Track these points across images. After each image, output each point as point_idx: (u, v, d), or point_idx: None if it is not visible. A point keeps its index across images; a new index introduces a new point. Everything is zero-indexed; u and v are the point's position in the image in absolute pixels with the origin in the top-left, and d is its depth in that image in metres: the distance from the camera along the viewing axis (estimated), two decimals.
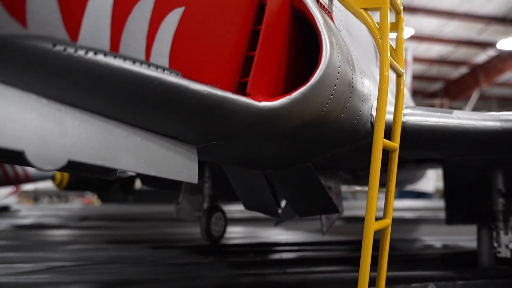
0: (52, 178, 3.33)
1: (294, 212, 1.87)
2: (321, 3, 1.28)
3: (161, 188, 3.76)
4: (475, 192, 2.22)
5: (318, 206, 1.80)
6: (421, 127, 1.43)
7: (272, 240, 3.03)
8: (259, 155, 1.36)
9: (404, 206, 7.56)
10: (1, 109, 0.63)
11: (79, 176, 3.55)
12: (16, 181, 4.41)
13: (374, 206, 1.11)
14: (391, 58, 1.13)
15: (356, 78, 1.24)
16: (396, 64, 1.21)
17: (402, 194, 12.46)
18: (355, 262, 1.98)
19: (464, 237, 2.91)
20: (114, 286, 1.53)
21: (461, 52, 10.48)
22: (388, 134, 1.19)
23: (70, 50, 0.65)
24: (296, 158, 1.46)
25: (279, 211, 2.12)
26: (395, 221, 4.64)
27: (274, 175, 1.65)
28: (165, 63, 0.79)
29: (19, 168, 4.37)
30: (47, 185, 6.64)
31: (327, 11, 1.32)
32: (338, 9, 1.44)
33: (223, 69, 0.94)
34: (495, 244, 1.92)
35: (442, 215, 5.19)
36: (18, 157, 0.93)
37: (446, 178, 2.47)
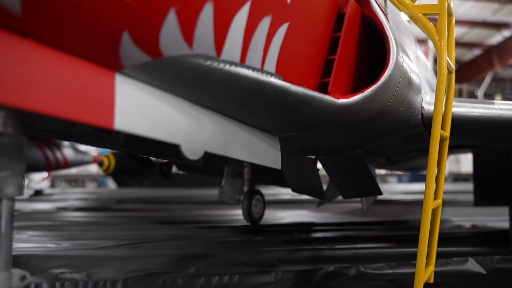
0: (100, 164, 3.54)
1: (340, 194, 2.05)
2: (379, 6, 1.42)
3: (195, 172, 3.96)
4: (505, 175, 2.37)
5: (364, 188, 1.97)
6: (466, 117, 1.58)
7: (307, 220, 3.22)
8: (322, 143, 1.53)
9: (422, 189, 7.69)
10: (166, 112, 0.80)
11: (125, 162, 3.77)
12: (57, 166, 4.65)
13: (432, 189, 1.27)
14: (448, 59, 1.28)
15: (413, 74, 1.39)
16: (450, 62, 1.35)
17: (415, 178, 12.52)
18: (395, 240, 2.17)
19: (491, 218, 3.07)
20: (187, 259, 1.73)
21: (475, 33, 10.41)
22: None
23: (215, 64, 0.81)
24: (352, 146, 1.62)
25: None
26: (419, 203, 4.79)
27: (326, 160, 1.82)
28: (273, 69, 0.96)
29: (59, 154, 4.60)
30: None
31: (385, 13, 1.46)
32: (390, 10, 1.58)
33: (309, 71, 1.10)
34: None
35: (460, 197, 5.35)
36: (172, 152, 1.12)
37: (476, 162, 2.62)
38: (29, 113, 0.61)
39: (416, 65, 1.64)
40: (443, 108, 1.42)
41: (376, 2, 1.33)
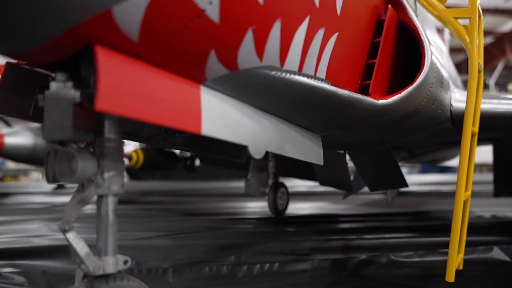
0: (129, 158, 3.67)
1: (368, 186, 2.14)
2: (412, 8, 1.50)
3: (217, 166, 4.08)
4: None
5: (391, 181, 2.06)
6: (492, 113, 1.66)
7: (330, 212, 3.32)
8: (356, 140, 1.63)
9: (436, 180, 7.74)
10: (237, 117, 0.90)
11: (152, 157, 3.90)
12: None
13: (464, 182, 1.36)
14: (479, 60, 1.36)
15: (444, 74, 1.48)
16: (480, 63, 1.43)
17: (425, 169, 12.53)
18: (420, 230, 2.26)
19: (508, 208, 3.15)
20: (226, 248, 1.84)
21: (487, 21, 10.33)
22: None
23: (279, 73, 0.91)
24: (384, 141, 1.71)
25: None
26: (435, 194, 4.85)
27: (356, 155, 1.92)
28: (324, 75, 1.05)
29: None
30: None
31: (417, 15, 1.54)
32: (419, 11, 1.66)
33: (352, 75, 1.19)
34: None
35: (475, 188, 5.40)
36: (237, 153, 1.24)
37: (496, 154, 2.69)
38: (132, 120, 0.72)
39: (443, 60, 1.72)
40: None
41: (409, 5, 1.42)
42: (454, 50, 11.95)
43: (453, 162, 4.77)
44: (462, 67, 12.23)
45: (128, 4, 0.60)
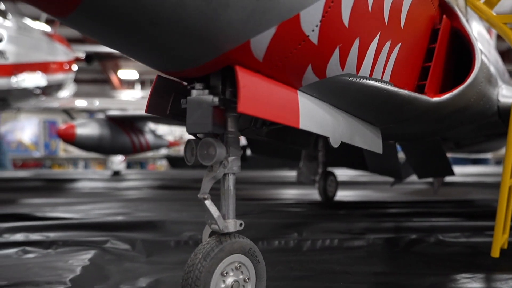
0: None
1: (416, 174, 2.33)
2: (462, 13, 1.67)
3: (268, 156, 4.32)
4: None
5: (438, 170, 2.24)
6: None
7: (377, 199, 3.51)
8: (410, 132, 1.82)
9: (478, 171, 7.67)
10: (321, 114, 1.13)
11: None
12: (141, 149, 5.22)
13: (509, 170, 1.54)
14: None
15: (492, 72, 1.65)
16: None
17: (457, 161, 12.39)
18: (466, 216, 2.41)
19: None
20: (289, 227, 2.09)
21: None
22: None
23: (354, 79, 1.13)
24: (434, 134, 1.90)
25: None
26: (479, 185, 4.89)
27: (407, 145, 2.11)
28: (388, 78, 1.26)
29: (142, 139, 5.16)
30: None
31: (467, 20, 1.71)
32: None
33: (410, 77, 1.40)
34: None
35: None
36: (306, 143, 1.48)
37: None
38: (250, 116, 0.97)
39: (491, 55, 1.87)
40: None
41: (460, 11, 1.59)
42: (500, 38, 11.53)
43: (489, 155, 4.74)
44: (508, 56, 11.83)
45: (260, 36, 0.84)
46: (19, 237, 1.90)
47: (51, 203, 3.13)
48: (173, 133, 11.14)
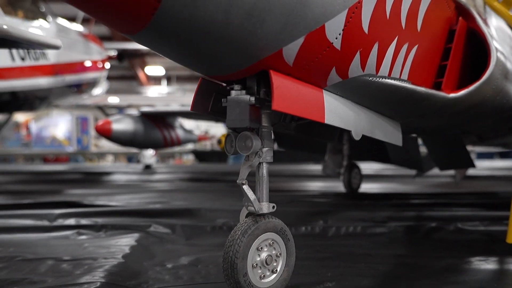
0: (219, 142, 4.19)
1: (438, 166, 2.43)
2: (479, 14, 1.76)
3: (294, 149, 4.47)
4: None
5: (459, 162, 2.34)
6: None
7: (400, 191, 3.61)
8: (429, 126, 1.93)
9: (505, 165, 7.57)
10: (344, 110, 1.26)
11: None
12: (171, 144, 5.47)
13: None
14: None
15: (509, 68, 1.73)
16: None
17: (484, 155, 12.18)
18: (486, 206, 2.49)
19: None
20: (314, 215, 2.24)
21: None
22: None
23: (374, 79, 1.26)
24: (453, 127, 2.00)
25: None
26: (505, 178, 4.87)
27: (428, 139, 2.21)
28: (406, 77, 1.38)
29: (173, 134, 5.40)
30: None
31: (484, 19, 1.80)
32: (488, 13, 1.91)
33: (428, 75, 1.51)
34: None
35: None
36: (330, 136, 1.62)
37: None
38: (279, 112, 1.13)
39: (510, 50, 1.94)
40: None
41: (477, 13, 1.69)
42: None
43: None
44: None
45: (291, 45, 0.99)
46: (72, 221, 2.12)
47: (93, 193, 3.38)
48: (199, 128, 11.40)
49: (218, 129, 10.50)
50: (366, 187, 3.79)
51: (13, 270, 1.35)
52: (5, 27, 1.81)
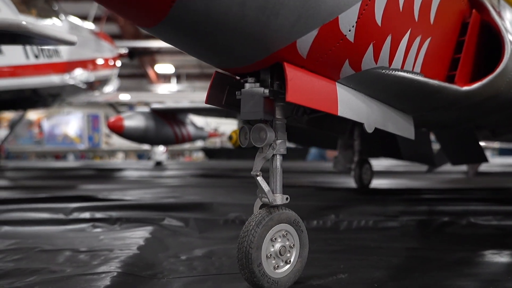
0: (230, 138, 4.20)
1: (450, 161, 2.42)
2: (493, 6, 1.75)
3: (306, 145, 4.48)
4: None
5: (472, 156, 2.32)
6: None
7: (411, 187, 3.59)
8: (441, 120, 1.92)
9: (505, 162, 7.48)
10: (357, 102, 1.27)
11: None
12: (182, 140, 5.51)
13: None
14: None
15: None
16: None
17: (502, 152, 12.06)
18: (500, 201, 2.48)
19: None
20: (326, 209, 2.24)
21: None
22: None
23: (387, 71, 1.26)
24: (466, 121, 1.99)
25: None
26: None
27: (440, 133, 2.21)
28: (419, 70, 1.38)
29: (184, 130, 5.44)
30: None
31: (498, 11, 1.79)
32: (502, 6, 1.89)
33: (441, 68, 1.51)
34: None
35: None
36: (341, 129, 1.63)
37: None
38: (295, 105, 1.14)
39: None
40: None
41: (491, 5, 1.68)
42: None
43: None
44: None
45: (305, 37, 1.00)
46: (87, 215, 2.16)
47: (106, 189, 3.43)
48: (209, 125, 11.46)
49: (227, 127, 10.54)
50: (377, 183, 3.79)
51: (33, 260, 1.39)
52: (24, 23, 1.85)
